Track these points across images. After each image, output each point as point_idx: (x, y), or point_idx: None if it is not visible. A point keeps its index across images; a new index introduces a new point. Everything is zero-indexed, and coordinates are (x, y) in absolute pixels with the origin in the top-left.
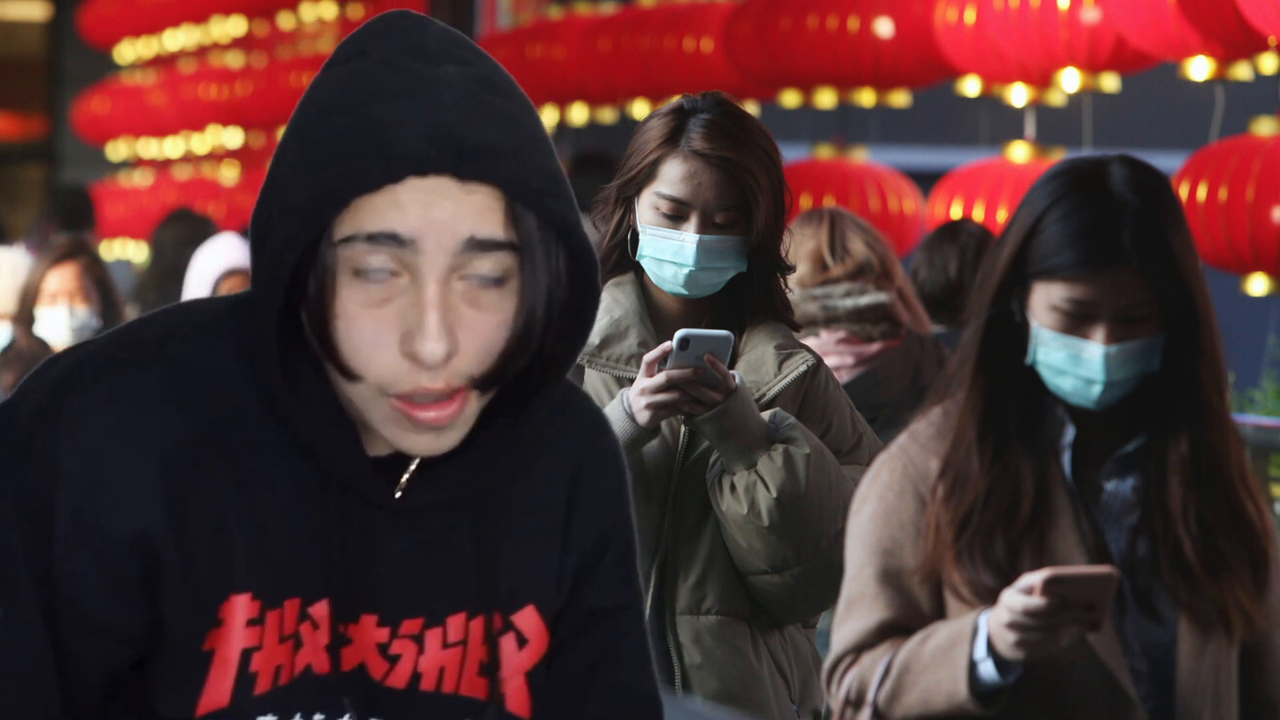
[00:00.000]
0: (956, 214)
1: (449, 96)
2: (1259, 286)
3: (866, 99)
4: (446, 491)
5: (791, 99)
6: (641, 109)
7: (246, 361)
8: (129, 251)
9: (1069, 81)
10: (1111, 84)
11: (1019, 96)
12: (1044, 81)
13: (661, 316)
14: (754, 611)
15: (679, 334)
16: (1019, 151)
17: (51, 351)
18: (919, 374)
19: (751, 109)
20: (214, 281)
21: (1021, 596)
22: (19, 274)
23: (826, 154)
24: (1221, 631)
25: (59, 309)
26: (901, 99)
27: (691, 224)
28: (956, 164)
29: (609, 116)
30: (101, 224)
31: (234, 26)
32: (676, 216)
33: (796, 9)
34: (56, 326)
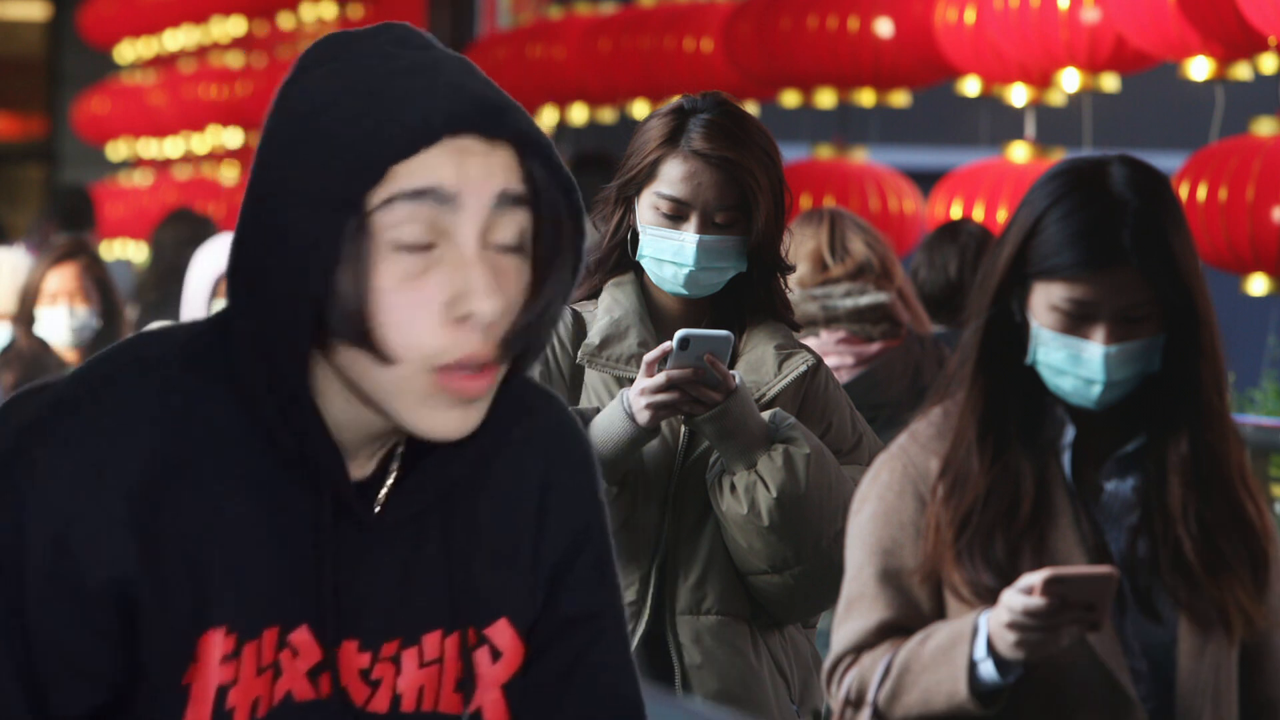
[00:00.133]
0: (956, 214)
1: (451, 67)
2: (1259, 286)
3: (866, 99)
4: (421, 499)
5: (791, 99)
6: (641, 109)
7: (226, 385)
8: (129, 251)
9: (1069, 81)
10: (1111, 84)
11: (1019, 96)
12: (1044, 81)
13: (661, 316)
14: (754, 611)
15: (679, 334)
16: (1019, 151)
17: (51, 352)
18: (919, 374)
19: (751, 109)
20: (214, 281)
21: (1021, 596)
22: (19, 274)
23: (826, 154)
24: (1221, 631)
25: (59, 309)
26: (901, 99)
27: (691, 224)
28: (956, 164)
29: (609, 116)
30: (101, 224)
31: (234, 26)
32: (676, 216)
33: (796, 9)
34: (57, 326)
